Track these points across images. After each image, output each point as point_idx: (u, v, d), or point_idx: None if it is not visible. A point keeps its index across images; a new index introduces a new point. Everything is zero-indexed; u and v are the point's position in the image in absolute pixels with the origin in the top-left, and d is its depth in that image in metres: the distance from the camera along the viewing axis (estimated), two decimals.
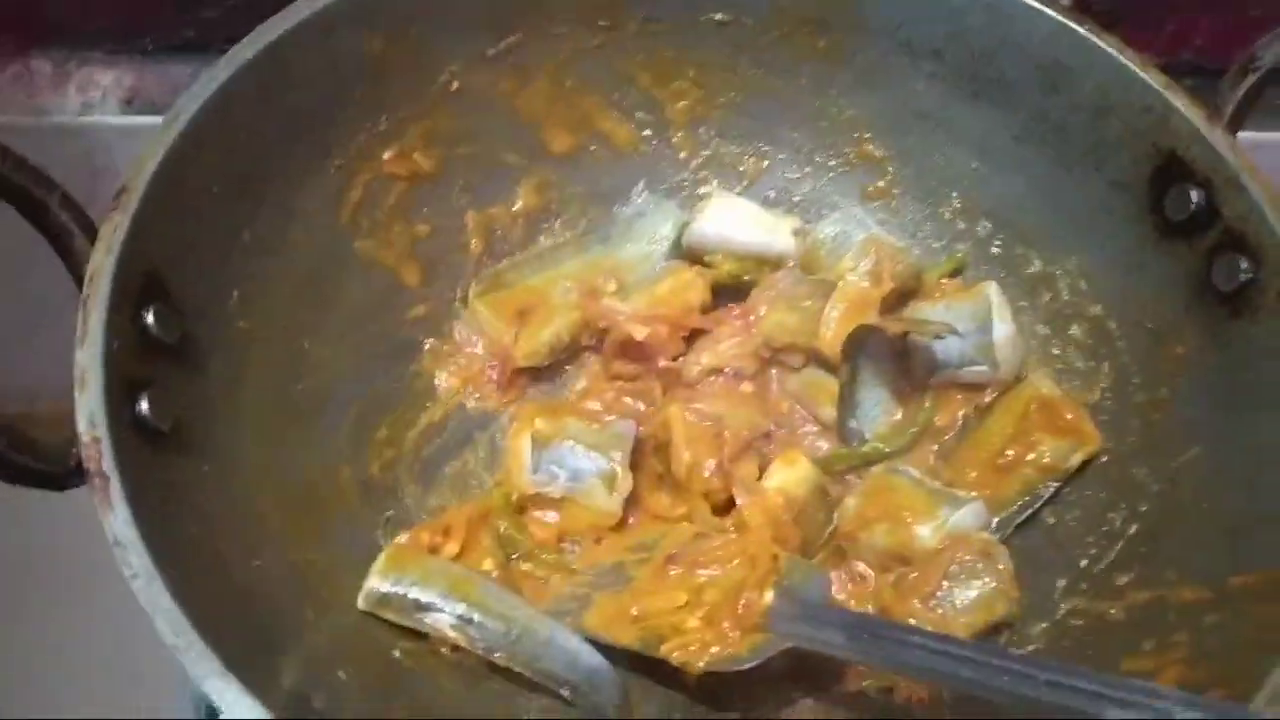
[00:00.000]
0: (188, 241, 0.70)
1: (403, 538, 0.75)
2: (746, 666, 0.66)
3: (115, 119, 1.06)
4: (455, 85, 0.84)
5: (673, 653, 0.68)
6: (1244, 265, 0.71)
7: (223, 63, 0.72)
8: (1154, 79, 0.76)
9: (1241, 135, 0.76)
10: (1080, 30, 0.78)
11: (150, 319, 0.65)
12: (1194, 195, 0.74)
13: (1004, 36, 0.81)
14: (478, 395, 0.86)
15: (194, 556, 0.60)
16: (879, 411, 0.83)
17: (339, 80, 0.78)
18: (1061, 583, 0.74)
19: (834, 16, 0.87)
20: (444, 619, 0.69)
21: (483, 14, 0.83)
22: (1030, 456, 0.77)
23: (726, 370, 0.84)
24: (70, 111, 1.04)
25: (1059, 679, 0.56)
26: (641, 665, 0.72)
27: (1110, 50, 0.77)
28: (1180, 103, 0.75)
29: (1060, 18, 0.79)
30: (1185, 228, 0.75)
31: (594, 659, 0.71)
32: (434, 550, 0.74)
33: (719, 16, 0.88)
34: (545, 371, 0.87)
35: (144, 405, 0.62)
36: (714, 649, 0.67)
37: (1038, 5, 0.79)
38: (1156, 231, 0.77)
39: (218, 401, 0.70)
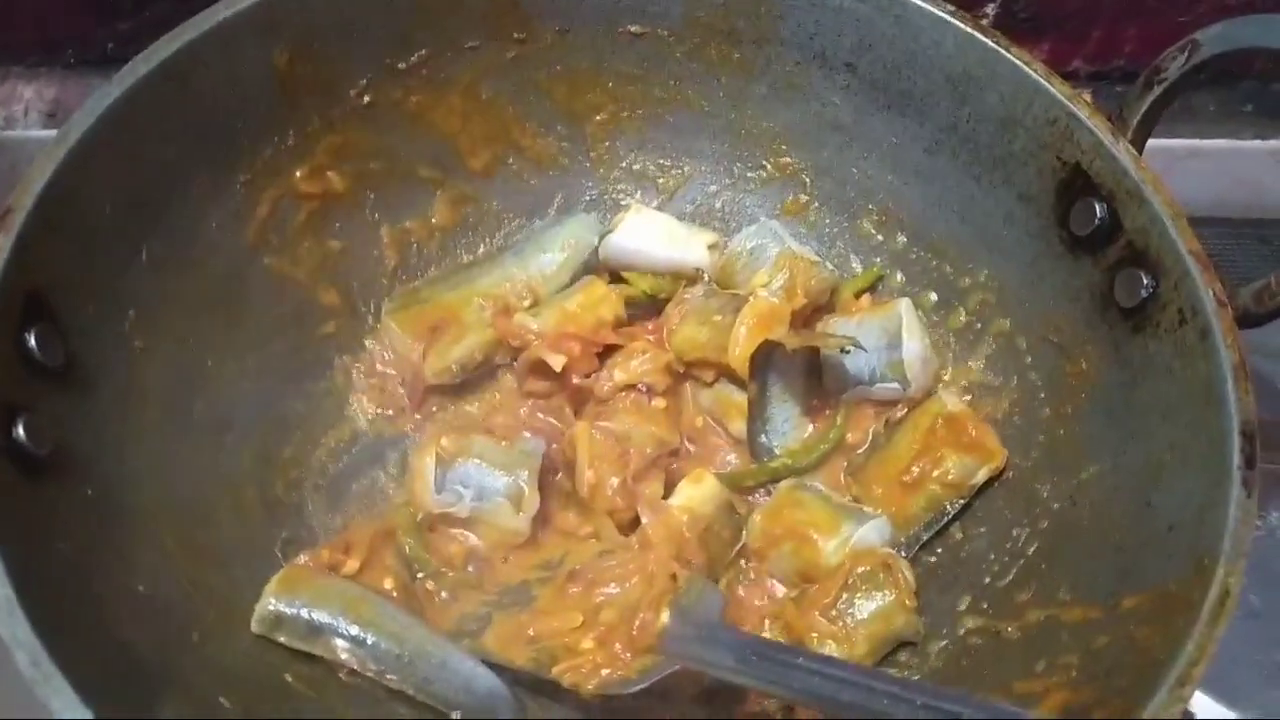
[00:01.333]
0: (78, 262, 0.69)
1: (304, 558, 0.74)
2: (635, 689, 0.66)
3: (38, 132, 1.06)
4: (366, 99, 0.84)
5: (564, 674, 0.67)
6: (1145, 280, 0.71)
7: (116, 79, 0.71)
8: (1059, 90, 0.76)
9: (1165, 143, 0.75)
10: (987, 41, 0.78)
11: (32, 342, 0.64)
12: (1098, 209, 0.74)
13: (913, 48, 0.81)
14: (389, 413, 0.85)
15: (67, 586, 0.59)
16: (789, 427, 0.82)
17: (243, 95, 0.78)
18: (964, 601, 0.74)
19: (748, 28, 0.86)
20: (338, 640, 0.69)
21: (392, 27, 0.83)
22: (936, 473, 0.77)
23: (639, 386, 0.84)
24: None
25: (932, 701, 0.55)
26: (543, 687, 0.71)
27: (1016, 61, 0.77)
28: (1084, 114, 0.74)
29: (967, 28, 0.79)
30: (1090, 242, 0.75)
31: (489, 681, 0.70)
32: (334, 568, 0.74)
33: (634, 28, 0.88)
34: (460, 388, 0.87)
35: (19, 431, 0.61)
36: (604, 671, 0.67)
37: (945, 16, 0.79)
38: (1063, 245, 0.77)
39: (107, 424, 0.69)
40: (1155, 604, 0.60)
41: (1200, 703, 0.82)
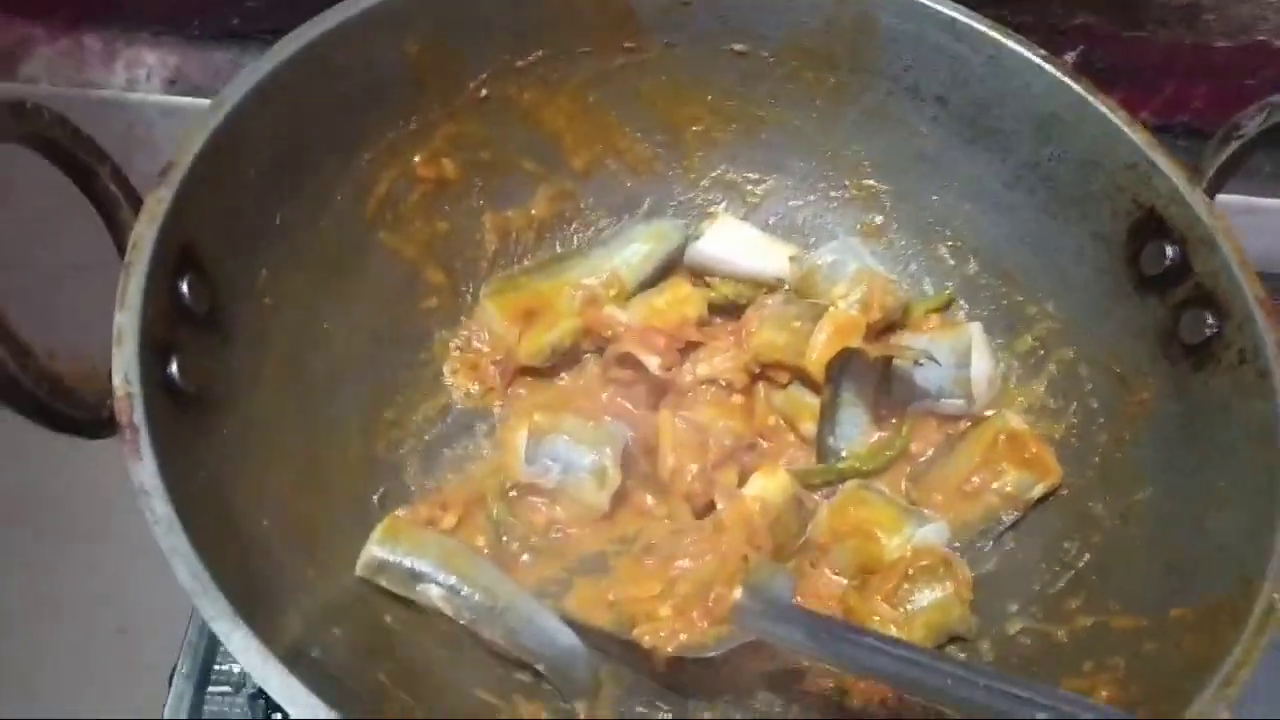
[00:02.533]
0: (224, 219, 0.74)
1: (402, 511, 0.80)
2: (711, 654, 0.71)
3: (158, 97, 1.11)
4: (484, 93, 0.89)
5: (644, 636, 0.73)
6: (1210, 320, 0.76)
7: (268, 55, 0.77)
8: (1140, 138, 0.81)
9: (1224, 198, 0.81)
10: (1076, 87, 0.83)
11: (184, 289, 0.69)
12: (1169, 251, 0.79)
13: (1004, 88, 0.86)
14: (480, 388, 0.90)
15: (209, 510, 0.65)
16: (856, 432, 0.87)
17: (375, 79, 0.83)
18: (1014, 605, 0.79)
19: (845, 56, 0.92)
20: (434, 589, 0.74)
21: (514, 27, 0.88)
22: (995, 485, 0.82)
23: (718, 381, 0.89)
24: (116, 87, 1.10)
25: (995, 684, 0.60)
26: (615, 651, 0.76)
27: (1102, 108, 0.82)
28: (1163, 162, 0.80)
29: (1059, 74, 0.84)
30: (1158, 281, 0.80)
31: (569, 640, 0.75)
32: (431, 523, 0.79)
33: (738, 47, 0.93)
34: (545, 371, 0.92)
35: (173, 368, 0.66)
36: (682, 636, 0.72)
37: (1039, 61, 0.84)
38: (1131, 283, 0.82)
39: (240, 370, 0.74)
40: (1202, 616, 0.65)
41: None
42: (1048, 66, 0.84)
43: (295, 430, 0.78)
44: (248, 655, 0.56)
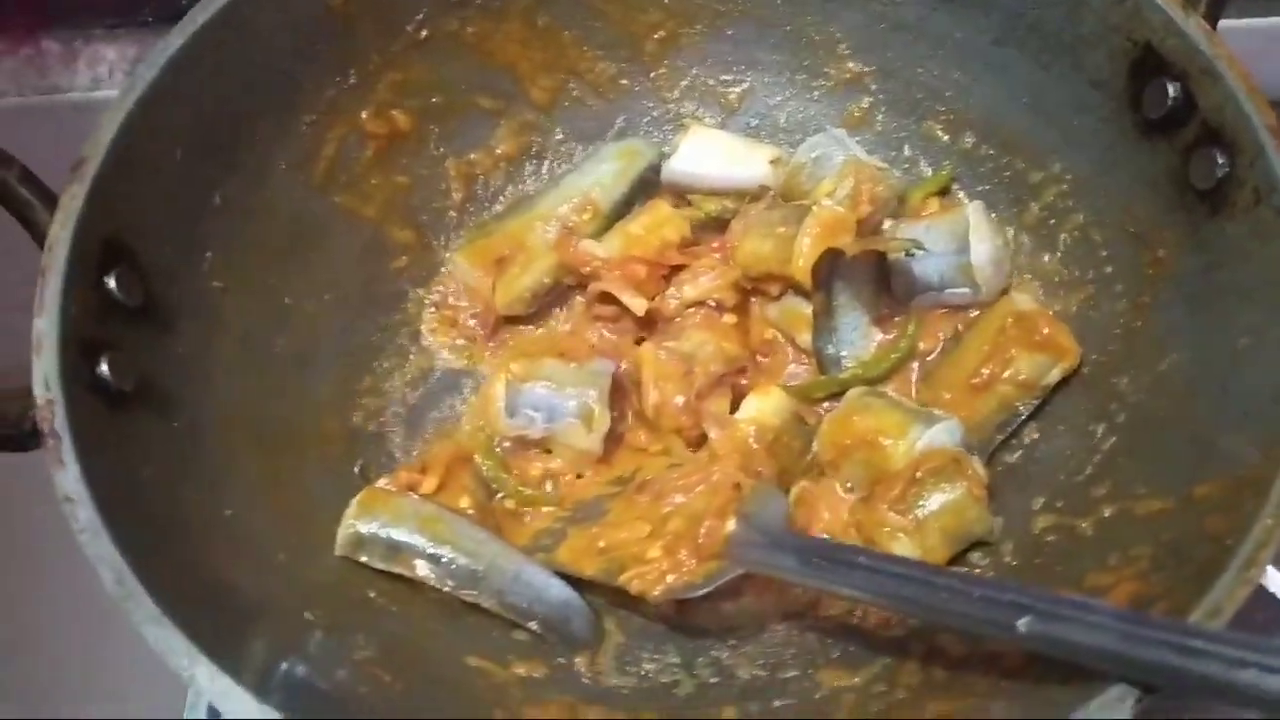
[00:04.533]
0: (153, 207, 0.72)
1: (383, 481, 0.77)
2: (700, 593, 0.67)
3: None
4: (424, 34, 0.85)
5: (630, 581, 0.69)
6: (1220, 160, 0.67)
7: (176, 29, 0.74)
8: None
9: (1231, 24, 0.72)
10: None
11: (113, 284, 0.67)
12: (1170, 89, 0.70)
13: None
14: (463, 343, 0.87)
15: (155, 511, 0.63)
16: (858, 336, 0.81)
17: (301, 37, 0.79)
18: (1039, 501, 0.72)
19: None
20: (415, 558, 0.71)
21: None
22: (1007, 374, 0.75)
23: (707, 303, 0.84)
24: (81, 88, 1.08)
25: (990, 593, 0.55)
26: (618, 596, 0.73)
27: None
28: None
29: None
30: (1164, 124, 0.71)
31: (563, 592, 0.72)
32: (412, 489, 0.76)
33: None
34: (532, 316, 0.88)
35: (104, 367, 0.64)
36: (670, 577, 0.68)
37: None
38: (1137, 130, 0.74)
39: (190, 361, 0.72)
40: (1226, 491, 0.58)
41: (1273, 578, 0.79)
42: None
43: (262, 412, 0.76)
44: (177, 656, 0.54)
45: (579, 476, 0.80)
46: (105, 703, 0.86)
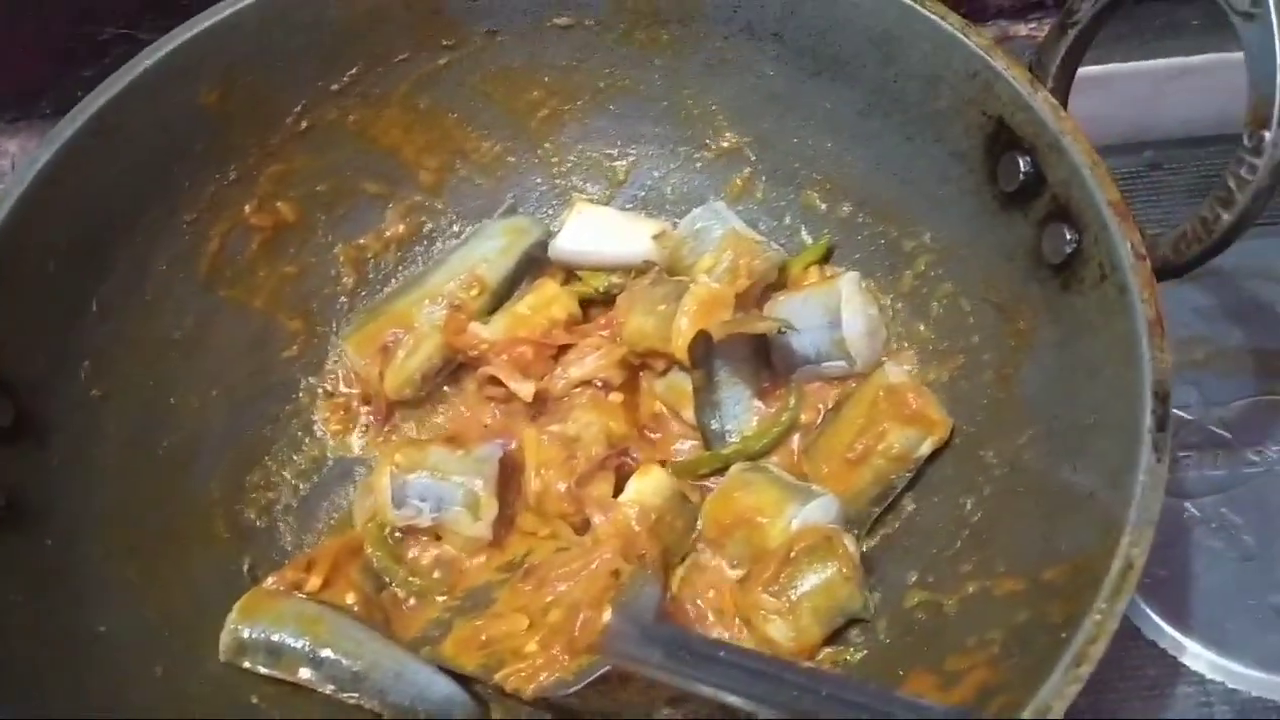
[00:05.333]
0: (23, 321, 0.72)
1: (271, 580, 0.77)
2: (570, 691, 0.67)
3: None
4: (304, 124, 0.86)
5: (507, 679, 0.69)
6: (1069, 235, 0.68)
7: (46, 140, 0.74)
8: (976, 43, 0.73)
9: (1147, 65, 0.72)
10: None
11: None
12: (1022, 163, 0.72)
13: (835, 12, 0.80)
14: (356, 431, 0.87)
15: (17, 638, 0.63)
16: (741, 410, 0.82)
17: (176, 137, 0.80)
18: (913, 574, 0.73)
19: (671, 7, 0.86)
20: (295, 660, 0.71)
21: (318, 51, 0.84)
22: (880, 447, 0.76)
23: (595, 382, 0.84)
24: None
25: (837, 693, 0.56)
26: (493, 693, 0.73)
27: (932, 16, 0.75)
28: (1002, 66, 0.72)
29: None
30: (1018, 197, 0.73)
31: (446, 688, 0.72)
32: (297, 586, 0.76)
33: (561, 21, 0.87)
34: (425, 398, 0.88)
35: None
36: (542, 675, 0.68)
37: None
38: (995, 202, 0.75)
39: (65, 473, 0.72)
40: (1069, 577, 0.59)
41: (1192, 650, 0.80)
42: None
43: (145, 519, 0.76)
44: None
45: (471, 562, 0.80)
46: None
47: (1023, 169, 0.71)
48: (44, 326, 0.74)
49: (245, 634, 0.72)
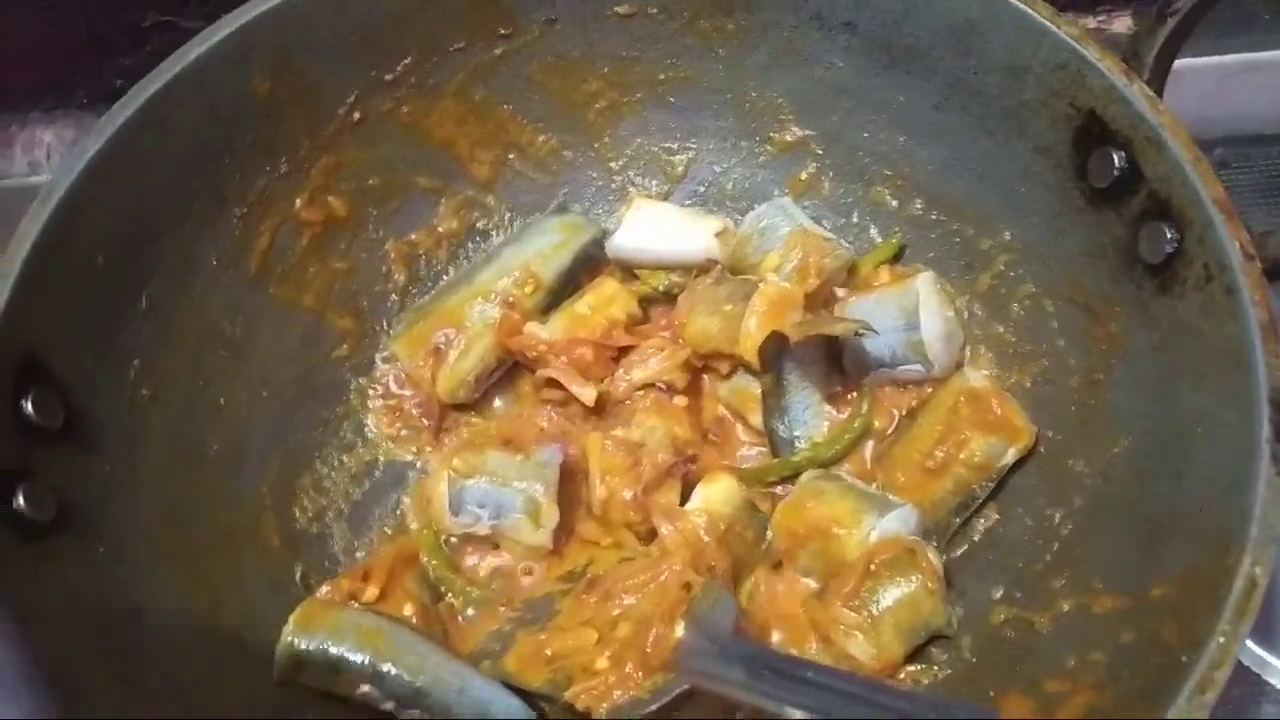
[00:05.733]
0: (73, 319, 0.69)
1: (325, 589, 0.74)
2: (647, 711, 0.64)
3: None
4: (356, 115, 0.83)
5: (578, 697, 0.66)
6: (1169, 234, 0.65)
7: (95, 130, 0.71)
8: (1065, 32, 0.70)
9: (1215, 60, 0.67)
10: None
11: (29, 408, 0.65)
12: (1116, 158, 0.68)
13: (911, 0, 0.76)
14: (409, 433, 0.85)
15: (82, 644, 0.61)
16: (810, 415, 0.79)
17: (227, 128, 0.77)
18: (999, 590, 0.70)
19: None
20: (355, 676, 0.69)
21: (372, 39, 0.81)
22: (961, 455, 0.73)
23: (658, 385, 0.81)
24: (18, 174, 1.06)
25: (942, 716, 0.53)
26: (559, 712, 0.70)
27: (1020, 4, 0.72)
28: (1095, 57, 0.69)
29: None
30: (1111, 193, 0.69)
31: (509, 703, 0.69)
32: (354, 597, 0.73)
33: (621, 9, 0.85)
34: (479, 399, 0.85)
35: (19, 500, 0.62)
36: (616, 693, 0.65)
37: None
38: (1084, 199, 0.72)
39: (114, 477, 0.69)
40: (1182, 594, 0.56)
41: (1277, 667, 0.77)
42: None
43: (195, 523, 0.74)
44: None
45: (530, 572, 0.77)
46: None
47: (1117, 164, 0.68)
48: (93, 324, 0.71)
49: (303, 646, 0.69)
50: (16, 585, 0.59)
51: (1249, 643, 0.77)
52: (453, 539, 0.79)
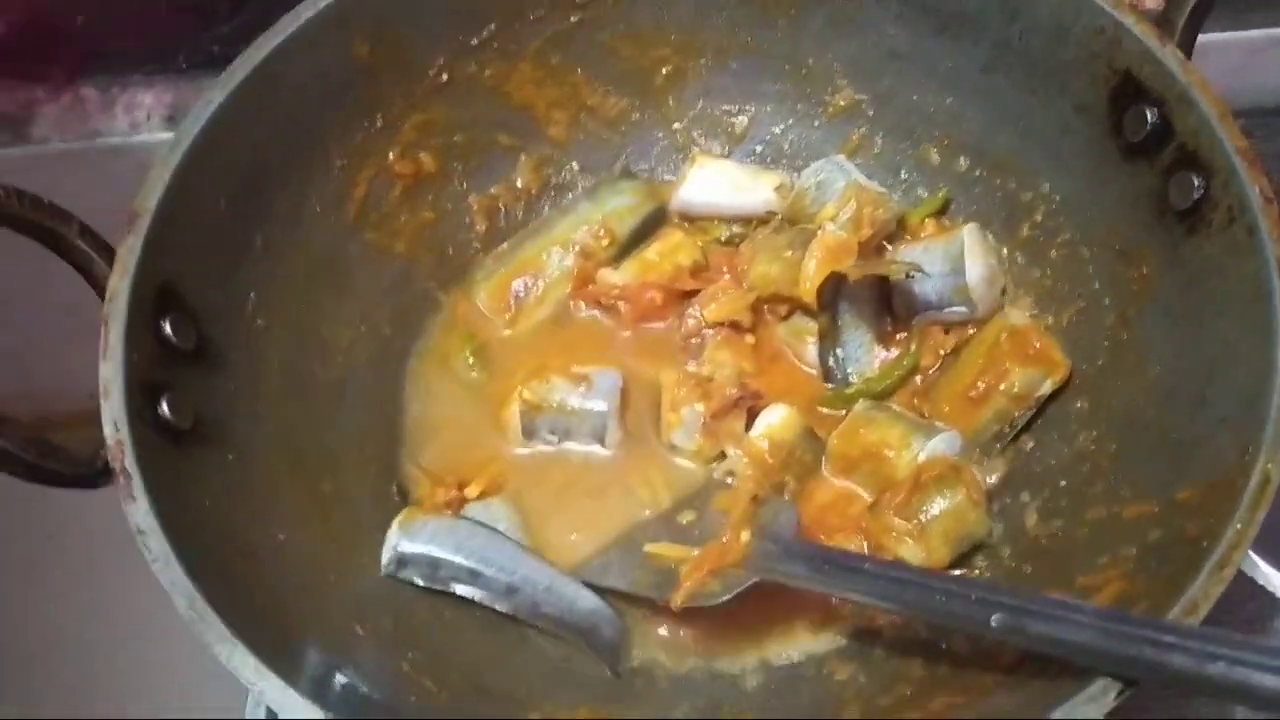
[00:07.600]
0: (200, 254, 0.77)
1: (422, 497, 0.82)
2: (719, 600, 0.71)
3: (161, 135, 1.15)
4: (444, 77, 0.90)
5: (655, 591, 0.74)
6: (1197, 182, 0.72)
7: (218, 84, 0.79)
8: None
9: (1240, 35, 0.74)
10: None
11: (168, 329, 0.72)
12: (1149, 114, 0.75)
13: None
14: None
15: (217, 538, 0.68)
16: (862, 353, 0.86)
17: (330, 86, 0.84)
18: (1035, 505, 0.77)
19: None
20: (454, 574, 0.76)
21: (460, 6, 0.88)
22: (1002, 386, 0.80)
23: (726, 323, 0.88)
24: (120, 133, 1.13)
25: (985, 595, 0.60)
26: (642, 604, 0.78)
27: None
28: (1130, 22, 0.75)
29: None
30: (1144, 147, 0.76)
31: (591, 601, 0.77)
32: (449, 505, 0.81)
33: None
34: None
35: (164, 407, 0.69)
36: (688, 585, 0.73)
37: None
38: (1119, 152, 0.78)
39: (239, 396, 0.77)
40: (1204, 496, 0.63)
41: (1265, 573, 0.83)
42: None
43: (305, 441, 0.81)
44: (246, 672, 0.59)
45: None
46: (172, 701, 0.92)
47: (1150, 120, 0.74)
48: (218, 259, 0.78)
49: (406, 548, 0.77)
50: (166, 486, 0.66)
51: (1264, 564, 0.83)
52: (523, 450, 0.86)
